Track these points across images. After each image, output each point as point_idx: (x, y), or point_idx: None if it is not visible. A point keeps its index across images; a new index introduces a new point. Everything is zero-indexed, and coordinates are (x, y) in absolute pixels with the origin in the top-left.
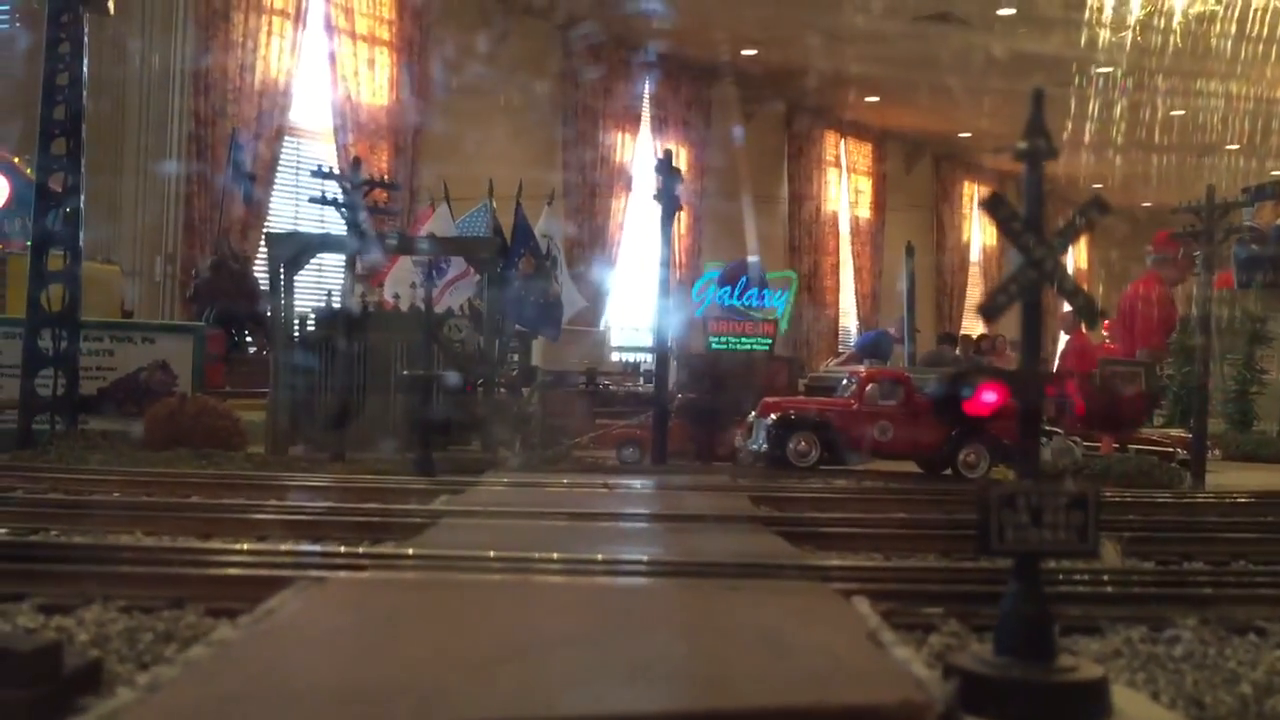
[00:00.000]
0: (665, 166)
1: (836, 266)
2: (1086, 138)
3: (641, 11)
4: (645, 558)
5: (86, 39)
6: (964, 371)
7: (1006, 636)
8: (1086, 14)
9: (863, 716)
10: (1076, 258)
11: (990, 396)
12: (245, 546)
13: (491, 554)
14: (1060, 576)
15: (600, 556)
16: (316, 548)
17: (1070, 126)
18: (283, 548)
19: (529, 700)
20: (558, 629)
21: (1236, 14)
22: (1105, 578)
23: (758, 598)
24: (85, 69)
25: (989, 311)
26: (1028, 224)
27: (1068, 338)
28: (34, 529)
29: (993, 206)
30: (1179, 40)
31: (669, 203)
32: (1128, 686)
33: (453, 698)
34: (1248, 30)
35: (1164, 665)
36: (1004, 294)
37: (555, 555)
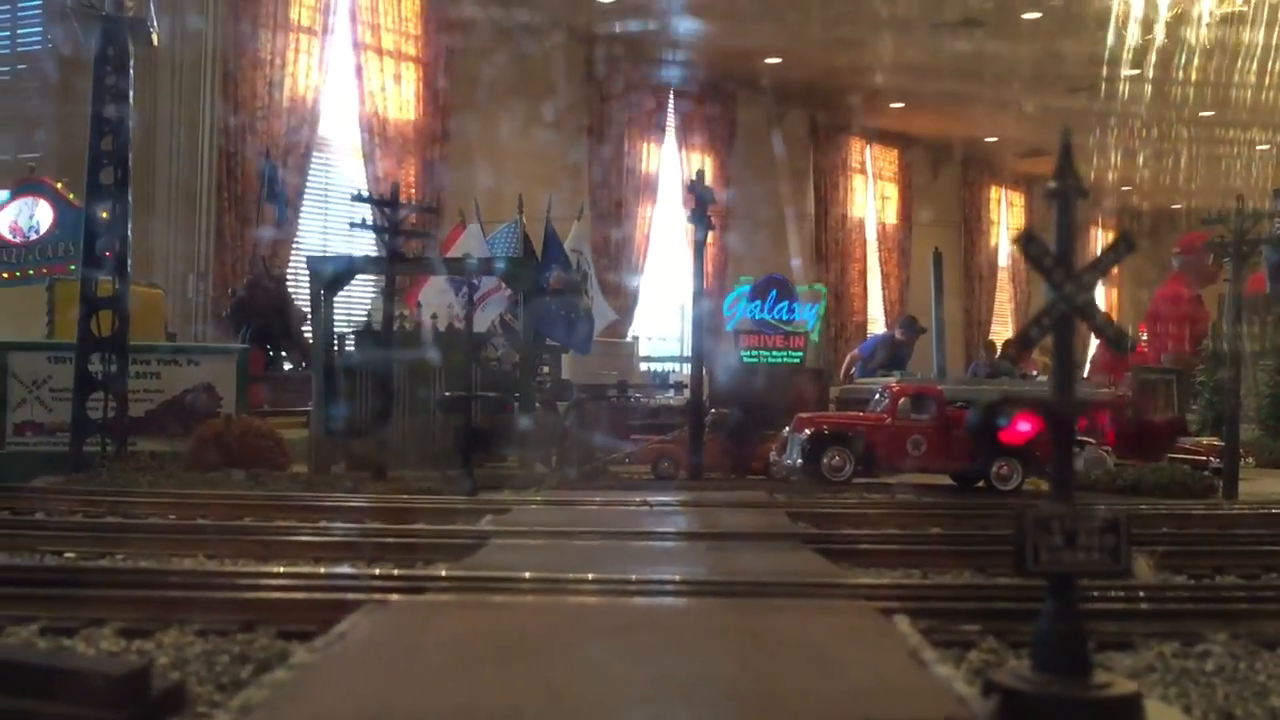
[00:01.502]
0: (699, 186)
1: (864, 274)
2: (1114, 139)
3: (665, 24)
4: (692, 577)
5: (132, 71)
6: (999, 401)
7: (1043, 654)
8: (1113, 16)
9: None
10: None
11: (1025, 426)
12: (307, 569)
13: (546, 575)
14: (1095, 594)
15: (650, 577)
16: (376, 570)
17: (1097, 128)
18: (343, 570)
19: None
20: (615, 649)
21: (1265, 14)
22: (1140, 594)
23: (802, 617)
24: (131, 100)
25: (1022, 346)
26: (1059, 260)
27: (1098, 343)
28: (101, 553)
29: (1026, 244)
30: (1207, 41)
31: (702, 223)
32: (1160, 701)
33: (526, 717)
34: (1278, 29)
35: (1196, 680)
36: (1037, 328)
37: (604, 576)
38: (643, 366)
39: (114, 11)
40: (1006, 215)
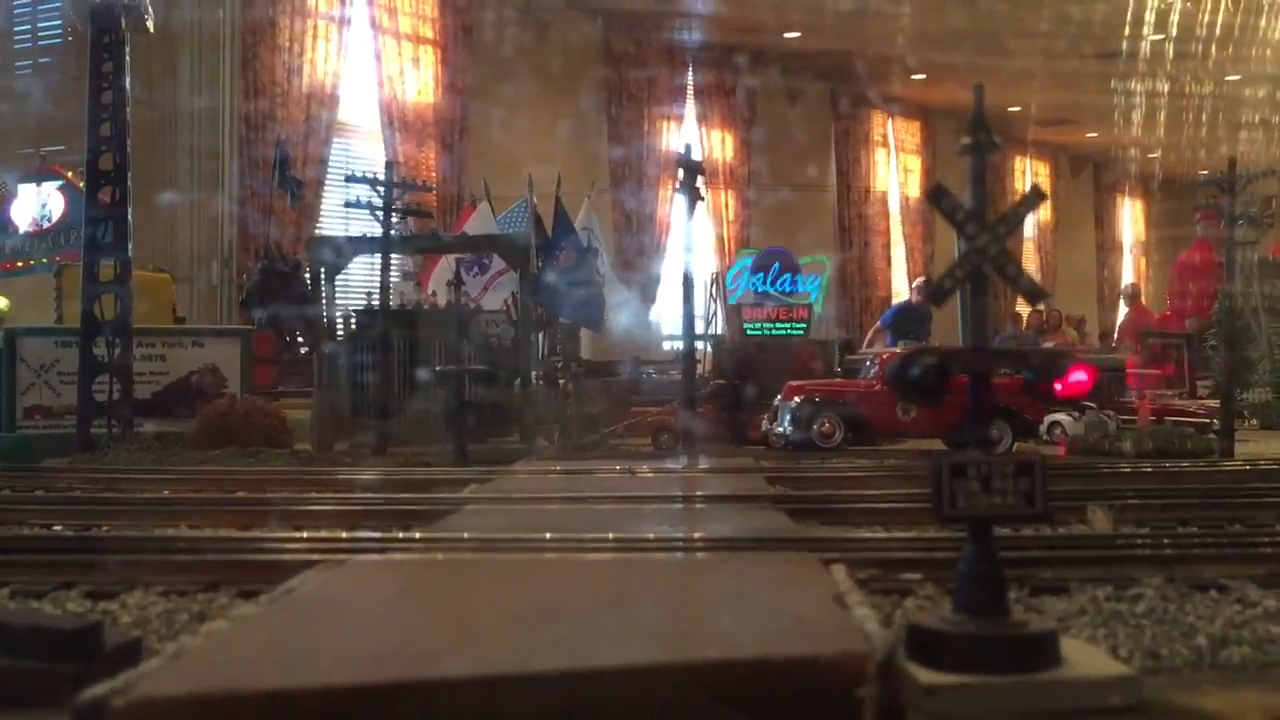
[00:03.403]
0: (686, 160)
1: (887, 247)
2: (1140, 107)
3: (682, 1)
4: (650, 536)
5: (129, 57)
6: (913, 352)
7: (963, 595)
8: None
9: (803, 666)
10: (1135, 230)
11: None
12: (274, 535)
13: (506, 536)
14: (1035, 540)
15: (607, 535)
16: (343, 534)
17: (1122, 97)
18: (310, 535)
19: (511, 658)
20: (549, 600)
21: None
22: (1083, 543)
23: (744, 568)
24: (129, 86)
25: (936, 295)
26: (971, 214)
27: (1127, 310)
28: (88, 525)
29: (936, 197)
30: (1232, 3)
31: (691, 196)
32: (1087, 642)
33: (445, 658)
34: None
35: (1125, 621)
36: (950, 279)
37: (562, 535)
38: (665, 345)
39: None
40: (1031, 185)
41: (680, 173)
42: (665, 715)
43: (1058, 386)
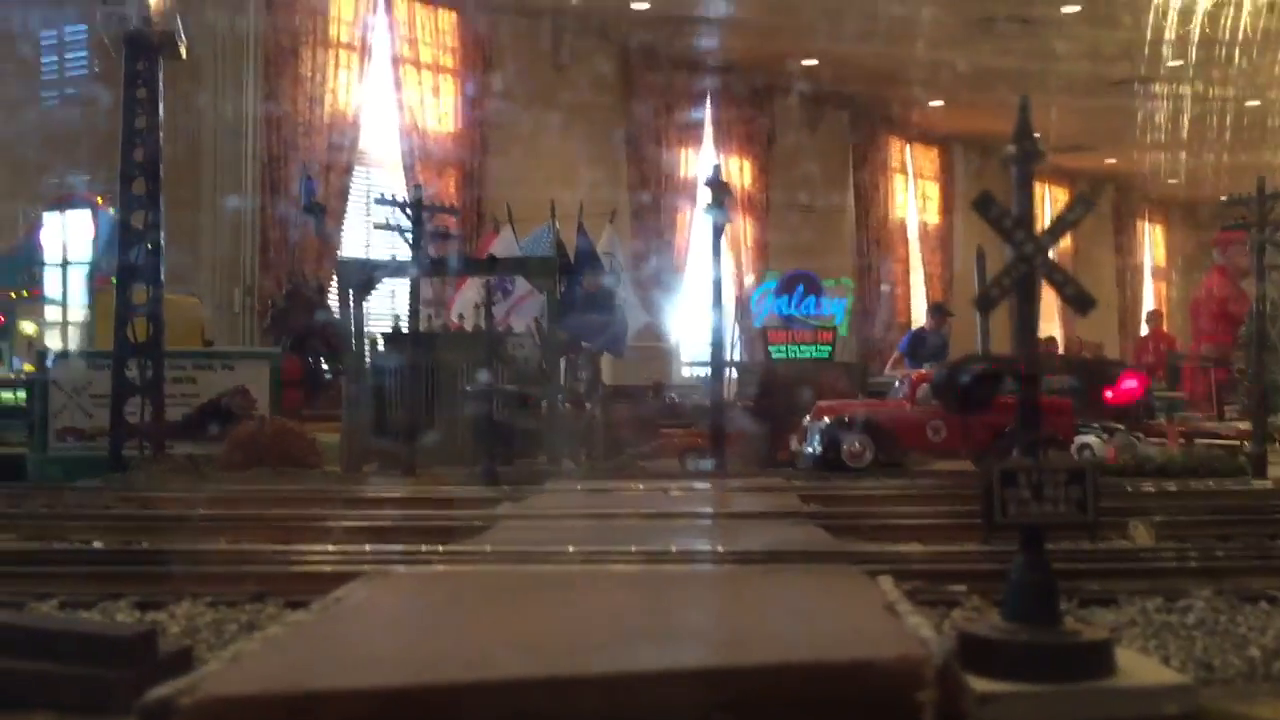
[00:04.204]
0: (715, 180)
1: (907, 273)
2: (1160, 133)
3: (700, 28)
4: (688, 549)
5: (162, 84)
6: (962, 359)
7: (1013, 603)
8: (1153, 6)
9: (862, 670)
10: (1155, 255)
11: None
12: (317, 548)
13: (546, 549)
14: (1084, 553)
15: (647, 548)
16: (384, 547)
17: (1141, 120)
18: (352, 548)
19: (568, 662)
20: (598, 608)
21: None
22: (1129, 555)
23: (790, 579)
24: (161, 112)
25: (983, 303)
26: (1018, 221)
27: (1148, 332)
28: (129, 540)
29: (983, 206)
30: (1249, 29)
31: (719, 217)
32: (1139, 652)
33: (504, 661)
34: None
35: (1176, 632)
36: (997, 288)
37: (600, 549)
38: (685, 371)
39: (142, 26)
40: (1050, 210)
41: (709, 194)
42: (726, 717)
43: (1108, 394)
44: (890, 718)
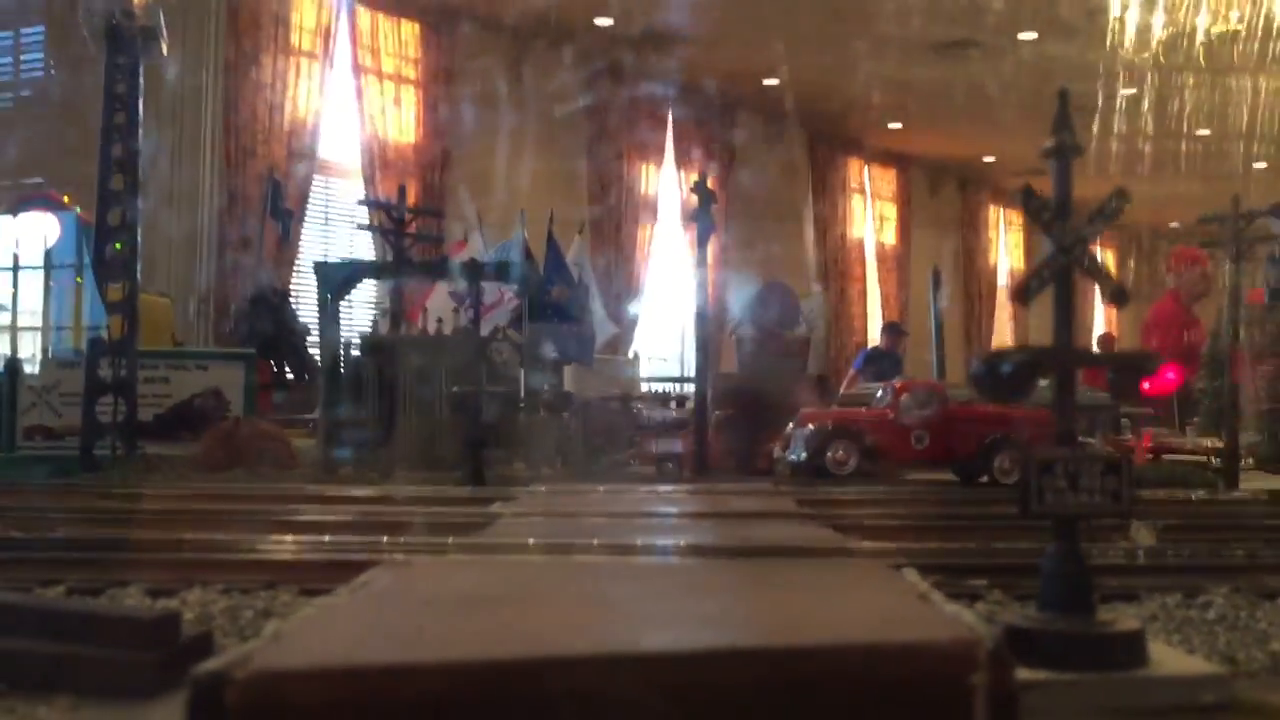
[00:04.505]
0: (701, 188)
1: (864, 293)
2: (1111, 159)
3: (663, 47)
4: (702, 543)
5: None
6: (1004, 350)
7: (1047, 594)
8: (1109, 36)
9: (919, 652)
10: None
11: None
12: (324, 539)
13: (556, 541)
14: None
15: (657, 541)
16: (395, 539)
17: (1095, 148)
18: (362, 539)
19: (616, 641)
20: (630, 592)
21: (1260, 30)
22: (1143, 552)
23: (813, 570)
24: (141, 108)
25: (1022, 295)
26: (1057, 212)
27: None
28: (121, 533)
29: (1025, 198)
30: (1202, 60)
31: (704, 225)
32: (1164, 644)
33: (553, 639)
34: (1272, 47)
35: (1198, 627)
36: (1037, 280)
37: (612, 542)
38: (644, 386)
39: (123, 19)
40: (1005, 234)
41: (695, 198)
42: (777, 698)
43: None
44: (944, 700)
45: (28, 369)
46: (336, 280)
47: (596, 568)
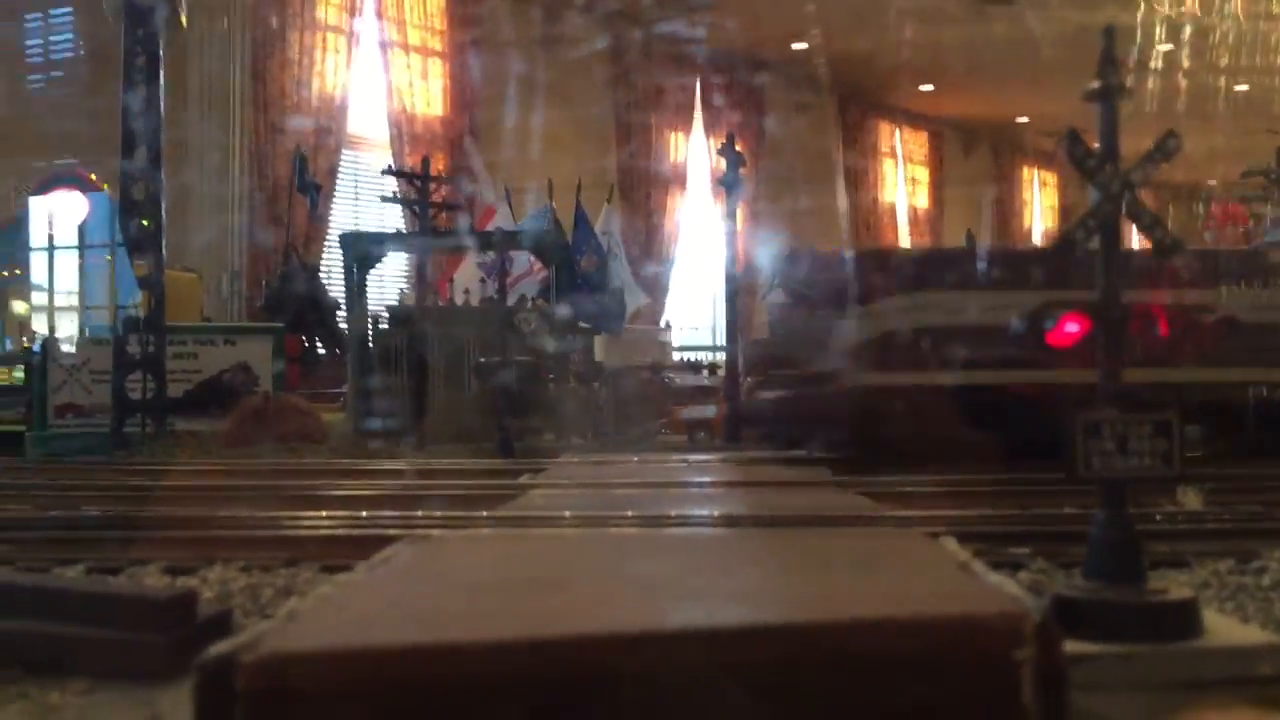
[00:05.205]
0: (729, 151)
1: None
2: (1148, 114)
3: (691, 11)
4: (736, 512)
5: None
6: (1045, 304)
7: (1096, 561)
8: None
9: (962, 626)
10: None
11: (1074, 328)
12: (347, 514)
13: (586, 513)
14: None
15: (689, 512)
16: (418, 513)
17: (1129, 107)
18: (386, 514)
19: (646, 619)
20: (660, 568)
21: None
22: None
23: (850, 539)
24: (162, 81)
25: (1065, 248)
26: (1103, 159)
27: None
28: (144, 510)
29: (1070, 144)
30: (1241, 13)
31: (734, 185)
32: (1217, 613)
33: (577, 617)
34: None
35: (1253, 594)
36: (1082, 229)
37: (645, 513)
38: (675, 356)
39: None
40: (1040, 195)
41: (722, 165)
42: (820, 673)
43: None
44: (990, 675)
45: (65, 349)
46: (362, 251)
47: (624, 541)
